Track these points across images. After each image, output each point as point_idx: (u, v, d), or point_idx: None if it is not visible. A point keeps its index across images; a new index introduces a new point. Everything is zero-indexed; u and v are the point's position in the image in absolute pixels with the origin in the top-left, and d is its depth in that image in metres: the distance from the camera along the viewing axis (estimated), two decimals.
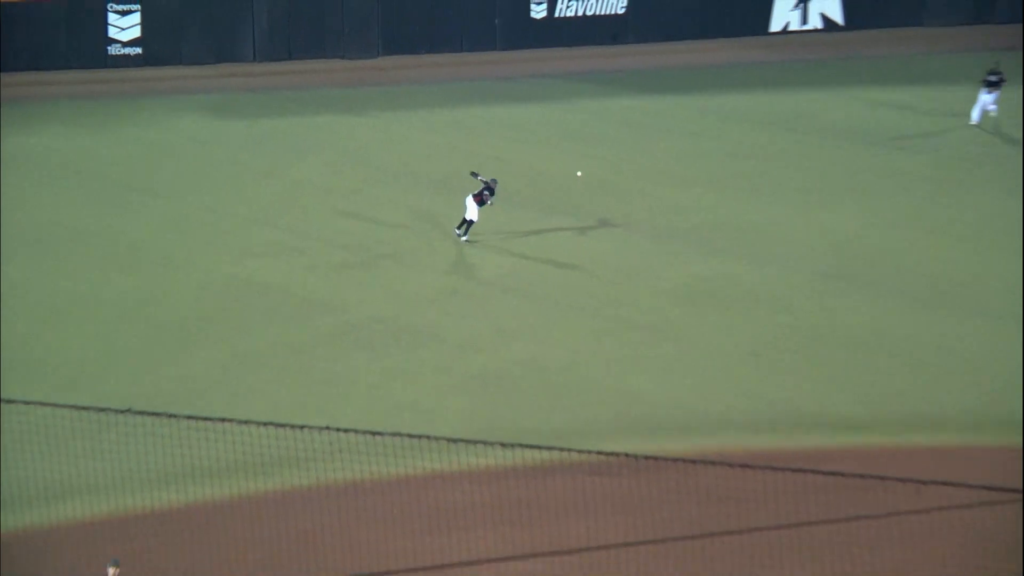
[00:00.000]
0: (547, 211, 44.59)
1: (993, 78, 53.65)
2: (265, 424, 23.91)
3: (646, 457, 25.49)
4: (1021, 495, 20.69)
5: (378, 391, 32.61)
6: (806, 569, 24.32)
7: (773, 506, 24.29)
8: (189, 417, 23.88)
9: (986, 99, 53.86)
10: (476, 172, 41.70)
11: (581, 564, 25.52)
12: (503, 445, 24.41)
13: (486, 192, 41.11)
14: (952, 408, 31.75)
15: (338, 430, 22.94)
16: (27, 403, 24.35)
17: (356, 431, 22.88)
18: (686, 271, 40.19)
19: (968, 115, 54.48)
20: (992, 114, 53.95)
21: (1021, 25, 66.89)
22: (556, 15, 69.56)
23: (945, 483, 22.08)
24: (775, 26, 71.80)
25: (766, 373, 33.72)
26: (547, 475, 26.50)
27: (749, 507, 24.57)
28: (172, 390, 30.61)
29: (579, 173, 46.28)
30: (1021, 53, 60.85)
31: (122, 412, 23.60)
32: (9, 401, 23.86)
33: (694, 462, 25.97)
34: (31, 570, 24.78)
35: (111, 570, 21.77)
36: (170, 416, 23.74)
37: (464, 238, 41.97)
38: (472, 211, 41.35)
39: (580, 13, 69.89)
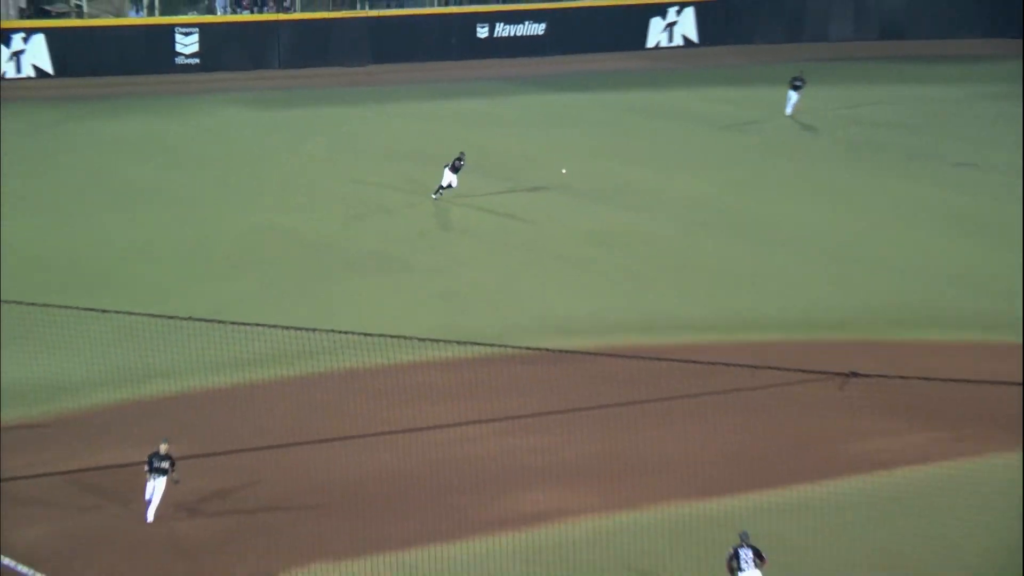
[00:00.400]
0: (492, 177, 43.04)
1: (798, 83, 52.73)
2: (287, 328, 23.06)
3: (561, 351, 24.93)
4: (823, 374, 19.71)
5: (369, 304, 31.46)
6: (673, 429, 23.72)
7: (653, 385, 23.68)
8: (233, 323, 22.72)
9: (793, 97, 53.13)
10: (462, 155, 39.91)
11: (514, 427, 24.69)
12: (459, 343, 23.60)
13: (459, 162, 39.71)
14: (773, 313, 31.29)
15: (340, 332, 21.98)
16: (117, 312, 23.56)
17: (353, 332, 21.86)
18: (595, 220, 39.24)
19: (783, 108, 53.76)
20: (796, 108, 53.37)
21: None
22: (495, 35, 68.11)
23: (773, 367, 21.54)
24: (650, 43, 70.68)
25: (648, 291, 33.04)
26: (490, 364, 25.21)
27: (635, 386, 23.88)
28: (220, 304, 29.27)
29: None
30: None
31: (184, 319, 22.85)
32: (105, 311, 22.95)
33: (596, 355, 25.42)
34: (128, 431, 23.95)
35: (163, 446, 20.65)
36: (219, 322, 22.62)
37: (435, 196, 40.63)
38: (448, 178, 39.86)
39: (512, 34, 68.57)
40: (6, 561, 19.39)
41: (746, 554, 17.16)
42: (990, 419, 22.91)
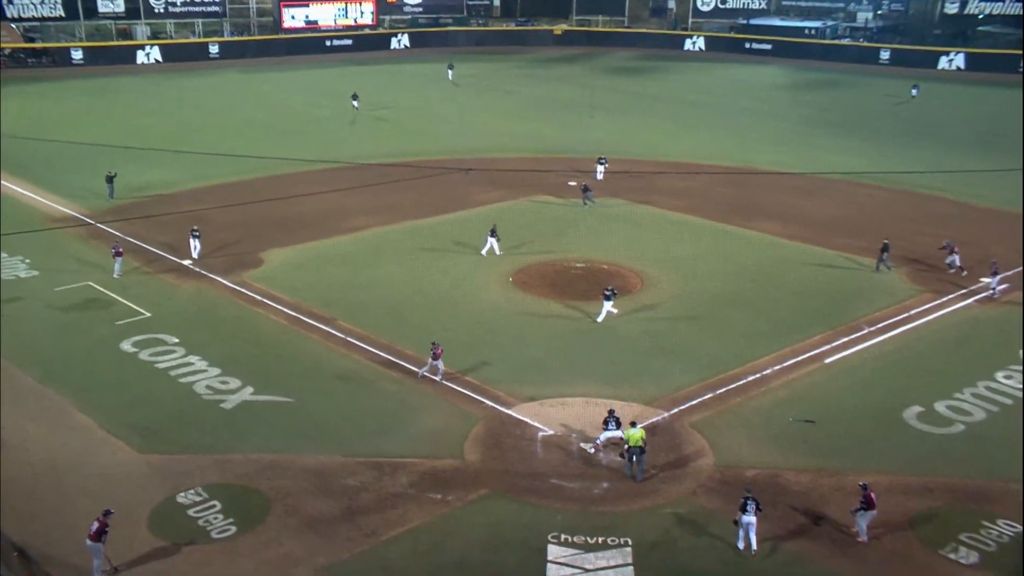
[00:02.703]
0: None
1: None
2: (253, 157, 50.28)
3: (430, 166, 52.75)
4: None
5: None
6: None
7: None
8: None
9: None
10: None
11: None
12: (381, 164, 51.21)
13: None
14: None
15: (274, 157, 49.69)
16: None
17: (289, 158, 49.63)
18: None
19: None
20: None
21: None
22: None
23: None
24: None
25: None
26: (396, 188, 51.44)
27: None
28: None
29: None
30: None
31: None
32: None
33: (429, 166, 53.53)
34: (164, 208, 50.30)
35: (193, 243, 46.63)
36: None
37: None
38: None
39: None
40: None
41: (751, 505, 20.84)
42: None
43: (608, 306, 34.19)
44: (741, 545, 20.98)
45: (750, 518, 20.88)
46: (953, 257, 40.17)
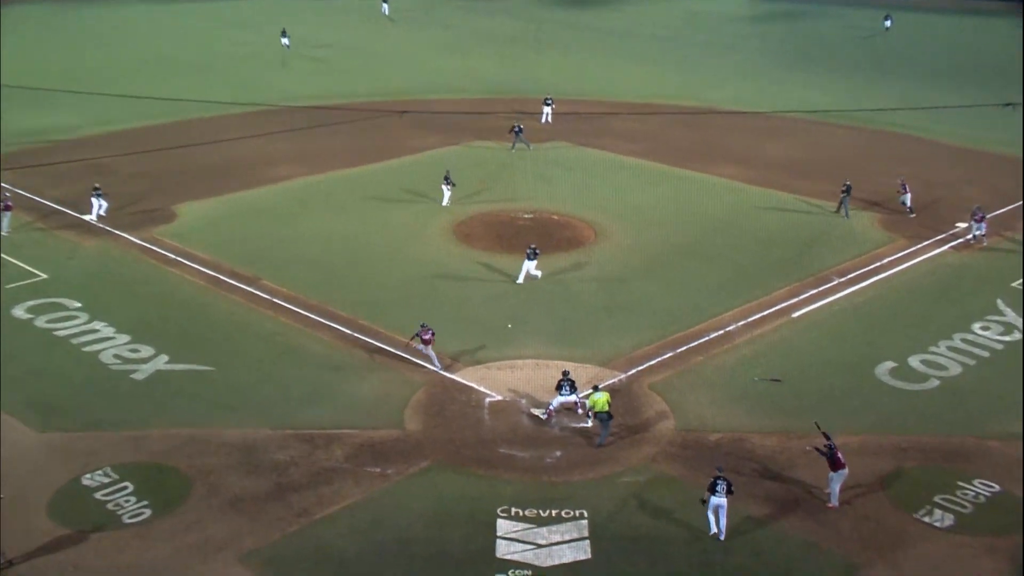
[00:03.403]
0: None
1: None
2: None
3: (362, 109, 52.13)
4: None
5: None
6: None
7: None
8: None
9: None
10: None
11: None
12: (308, 107, 50.41)
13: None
14: None
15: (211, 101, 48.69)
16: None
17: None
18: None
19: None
20: None
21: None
22: None
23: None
24: None
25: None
26: (325, 133, 51.17)
27: None
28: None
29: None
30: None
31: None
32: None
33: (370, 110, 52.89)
34: None
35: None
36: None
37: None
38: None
39: None
40: None
41: (722, 486, 20.53)
42: None
43: (531, 266, 33.35)
44: (713, 529, 20.64)
45: (720, 500, 20.61)
46: (905, 196, 40.66)
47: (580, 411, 25.23)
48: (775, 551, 20.49)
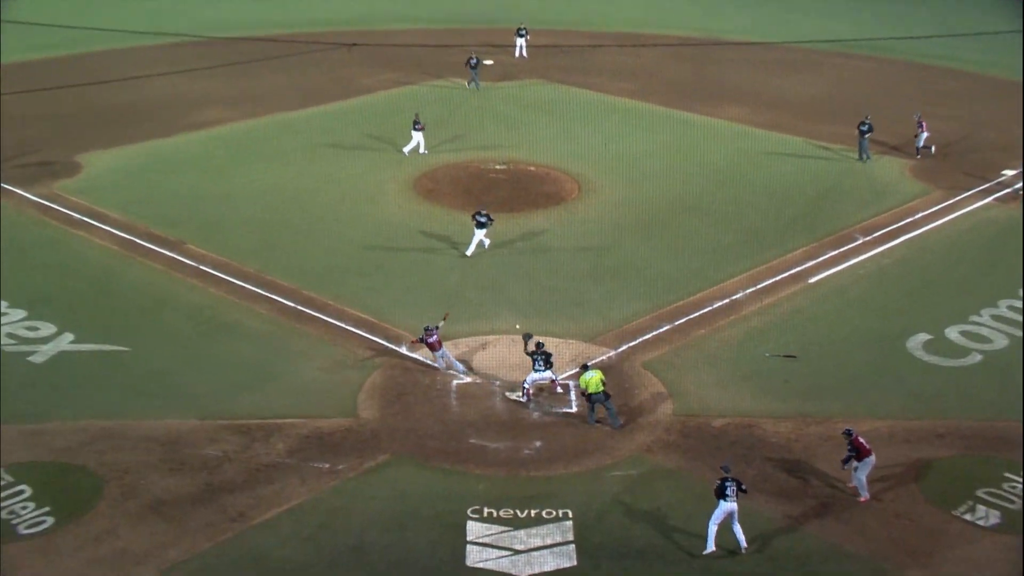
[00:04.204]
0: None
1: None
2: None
3: (303, 41, 51.62)
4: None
5: None
6: None
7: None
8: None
9: None
10: None
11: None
12: (240, 38, 49.74)
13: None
14: None
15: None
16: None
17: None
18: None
19: None
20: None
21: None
22: None
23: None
24: None
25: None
26: (261, 70, 50.85)
27: None
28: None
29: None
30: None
31: None
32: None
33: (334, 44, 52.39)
34: None
35: None
36: None
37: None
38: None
39: None
40: None
41: (732, 488, 20.31)
42: None
43: (481, 235, 32.92)
44: (711, 546, 20.13)
45: (732, 505, 20.26)
46: (921, 136, 40.70)
47: (559, 390, 25.15)
48: (791, 554, 20.47)
